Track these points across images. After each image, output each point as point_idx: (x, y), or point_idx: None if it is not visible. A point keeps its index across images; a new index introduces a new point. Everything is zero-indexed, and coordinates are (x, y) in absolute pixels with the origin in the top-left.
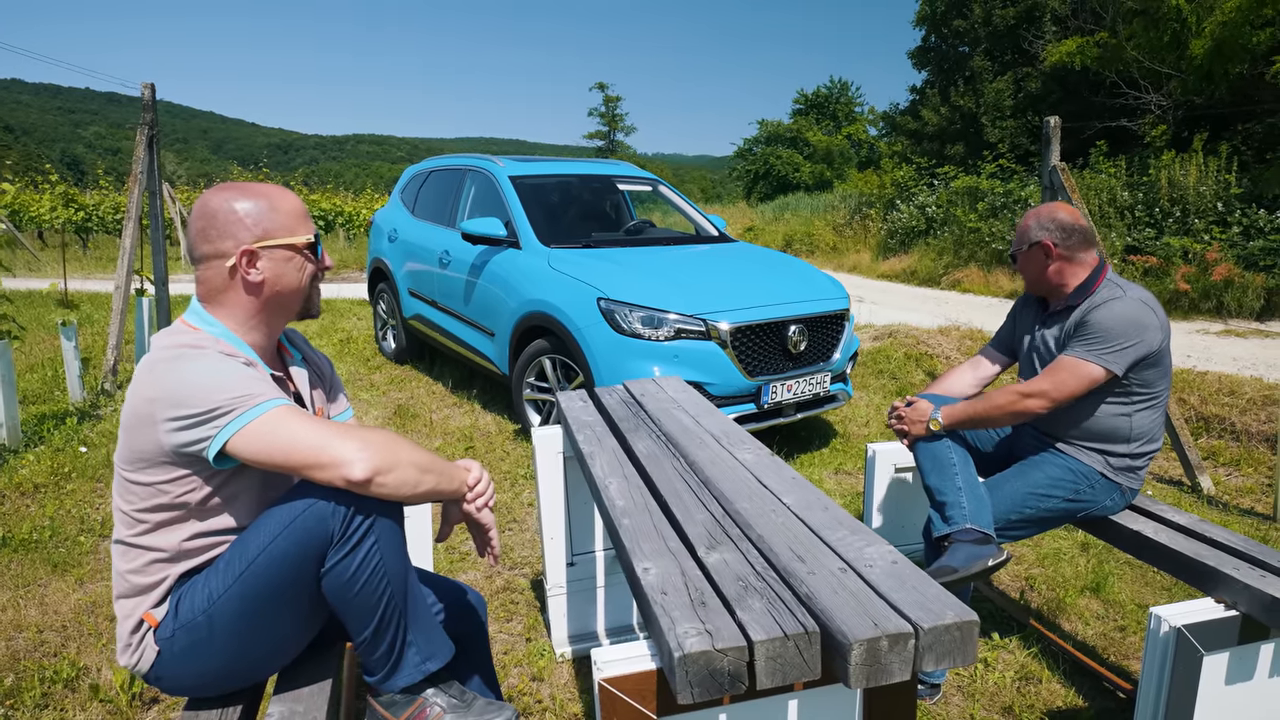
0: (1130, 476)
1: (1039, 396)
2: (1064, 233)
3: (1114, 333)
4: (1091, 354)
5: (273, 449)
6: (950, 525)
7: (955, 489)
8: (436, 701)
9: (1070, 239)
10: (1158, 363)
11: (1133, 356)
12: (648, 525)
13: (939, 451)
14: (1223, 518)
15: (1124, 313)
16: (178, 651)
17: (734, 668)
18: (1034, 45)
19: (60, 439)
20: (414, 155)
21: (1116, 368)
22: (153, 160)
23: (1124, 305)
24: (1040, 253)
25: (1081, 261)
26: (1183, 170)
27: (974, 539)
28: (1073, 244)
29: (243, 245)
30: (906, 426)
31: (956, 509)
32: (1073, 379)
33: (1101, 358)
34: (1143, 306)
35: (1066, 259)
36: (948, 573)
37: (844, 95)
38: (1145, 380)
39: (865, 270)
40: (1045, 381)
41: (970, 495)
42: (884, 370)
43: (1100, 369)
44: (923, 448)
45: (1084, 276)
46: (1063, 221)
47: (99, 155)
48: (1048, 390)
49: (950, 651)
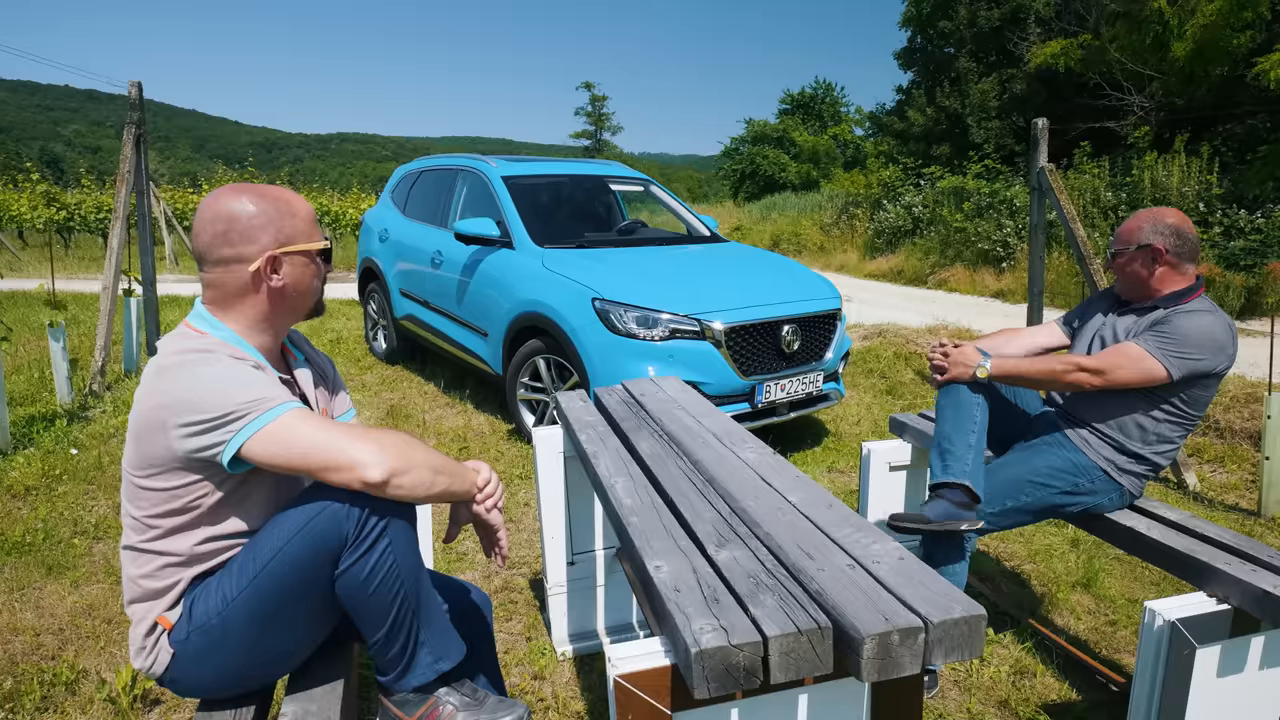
0: (1134, 480)
1: (1094, 373)
2: (1178, 240)
3: (1191, 340)
4: (1161, 351)
5: (289, 452)
6: (947, 474)
7: (967, 445)
8: (449, 700)
9: (1183, 247)
10: (1210, 386)
11: (1196, 369)
12: (656, 524)
13: (965, 404)
14: (1208, 514)
15: (1210, 327)
16: (192, 654)
17: (749, 662)
18: (1019, 47)
19: (50, 441)
20: (399, 154)
21: (1176, 373)
22: (140, 160)
23: (1210, 320)
24: (1149, 255)
25: (1185, 272)
26: (1165, 171)
27: (958, 500)
28: (1184, 253)
29: (268, 250)
30: (949, 365)
31: (959, 462)
32: (1133, 368)
33: (1168, 358)
34: (1226, 329)
35: (1173, 266)
36: (919, 520)
37: (830, 96)
38: (1191, 396)
39: (853, 270)
40: (1104, 361)
41: (976, 455)
42: (874, 369)
43: (1162, 368)
44: (949, 395)
45: (1182, 286)
46: (1178, 228)
47: (79, 153)
48: (1104, 370)
49: (959, 645)
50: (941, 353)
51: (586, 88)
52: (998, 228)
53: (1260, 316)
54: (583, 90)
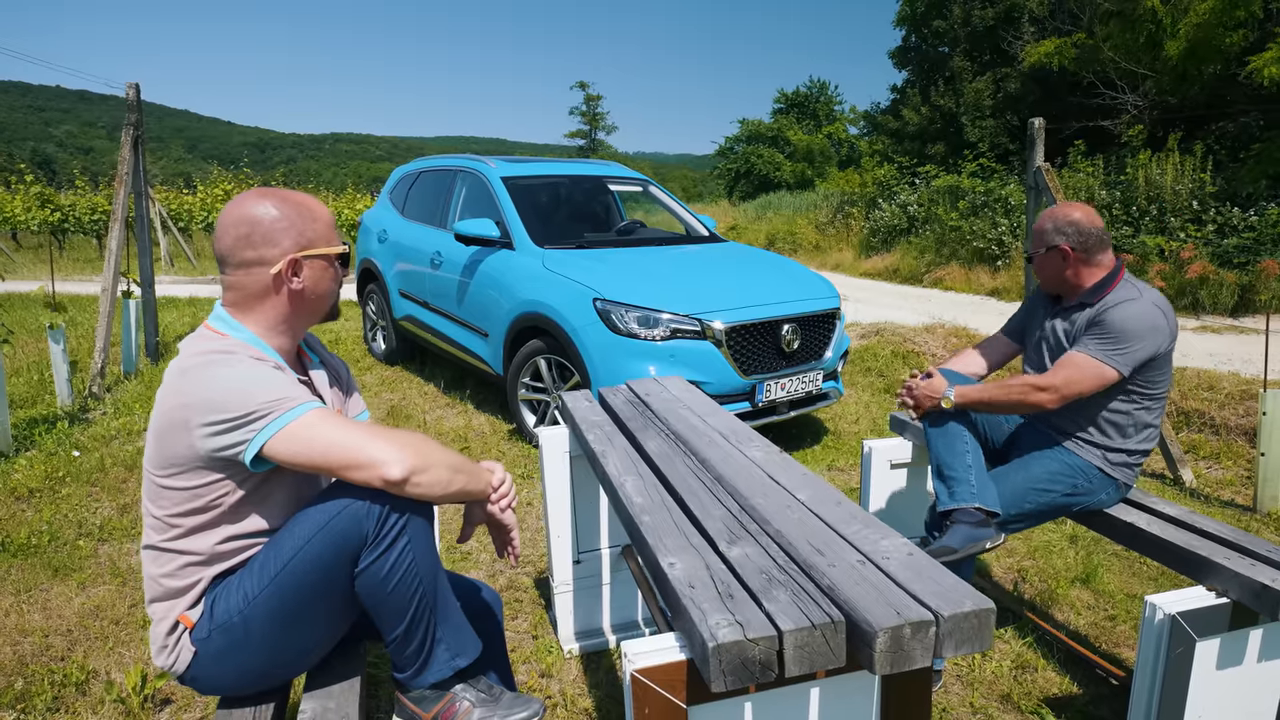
0: (1126, 472)
1: (1050, 391)
2: (1081, 236)
3: (1127, 334)
4: (1103, 353)
5: (311, 451)
6: (955, 500)
7: (965, 465)
8: (466, 697)
9: (1087, 242)
10: (1162, 364)
11: (1141, 357)
12: (667, 522)
13: (951, 428)
14: (1205, 509)
15: (1138, 314)
16: (214, 652)
17: (764, 656)
18: (1013, 46)
19: (52, 443)
20: (393, 154)
21: (1125, 369)
22: (138, 161)
23: (1139, 307)
24: (1057, 256)
25: (1098, 263)
26: (1159, 169)
27: (975, 520)
28: (1090, 246)
29: (289, 253)
30: (918, 399)
31: (964, 485)
32: (1084, 377)
33: (1112, 358)
34: (1155, 309)
35: (1084, 262)
36: (946, 552)
37: (824, 95)
38: (1148, 379)
39: (848, 269)
40: (1056, 377)
41: (978, 472)
42: (872, 368)
43: (1111, 370)
44: (934, 422)
45: (1100, 277)
46: (1079, 224)
47: (71, 154)
48: (1059, 386)
49: (969, 638)
50: (906, 389)
51: (581, 87)
52: (993, 226)
53: (1254, 314)
54: (577, 90)
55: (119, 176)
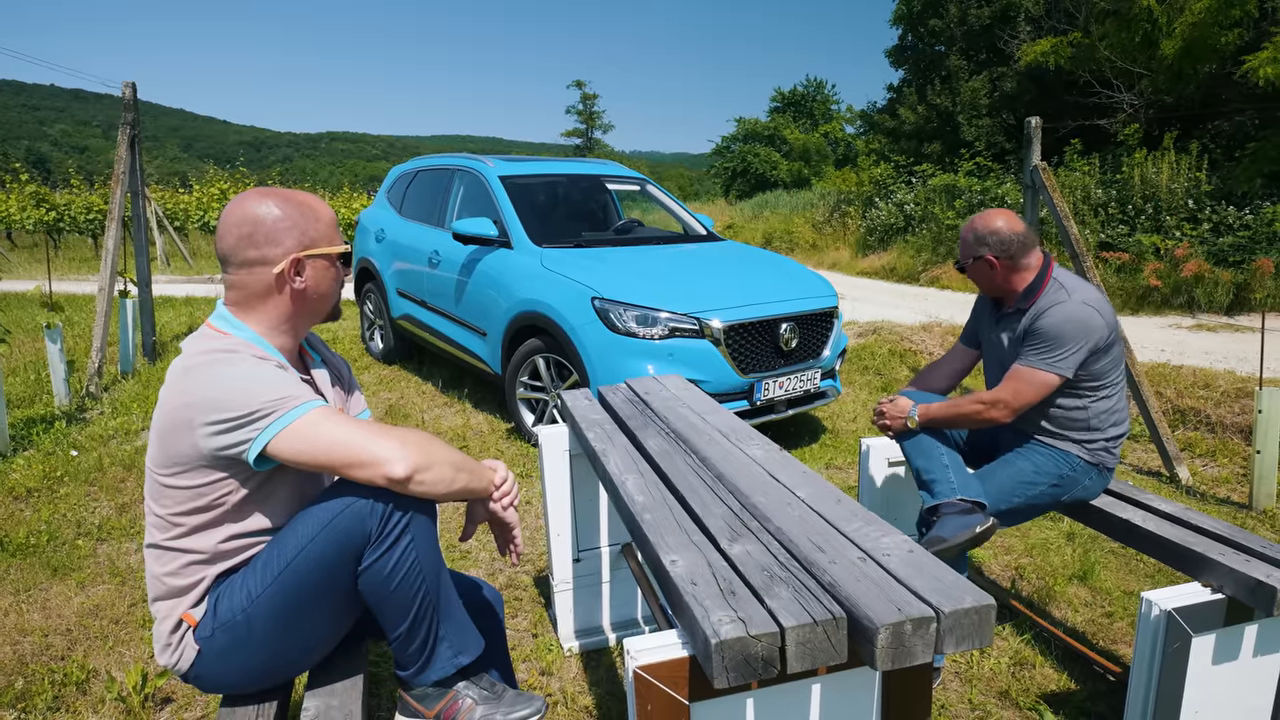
0: (1106, 456)
1: (1000, 406)
2: (1002, 245)
3: (1061, 338)
4: (1043, 362)
5: (315, 449)
6: (937, 497)
7: (941, 466)
8: (468, 694)
9: (1009, 248)
10: (1106, 353)
11: (1080, 358)
12: (669, 520)
13: (924, 439)
14: (1201, 507)
15: (1069, 316)
16: (218, 650)
17: (767, 653)
18: (1009, 45)
19: (49, 443)
20: (389, 153)
21: (1067, 371)
22: (135, 160)
23: (1068, 309)
24: (985, 266)
25: (1025, 266)
26: (1154, 168)
27: (961, 510)
28: (1013, 252)
29: (291, 253)
30: (889, 420)
31: (944, 483)
32: (1029, 388)
33: (1052, 365)
34: (1085, 308)
35: (1011, 268)
36: (937, 543)
37: (820, 94)
38: (1094, 373)
39: (845, 267)
40: (1004, 391)
41: (956, 471)
42: (869, 367)
43: (1053, 375)
44: (907, 438)
45: (1030, 279)
46: (1000, 232)
47: (65, 153)
48: (1008, 400)
49: (969, 634)
50: (879, 412)
51: (577, 86)
52: None
53: (1249, 312)
54: (574, 88)
55: (115, 176)
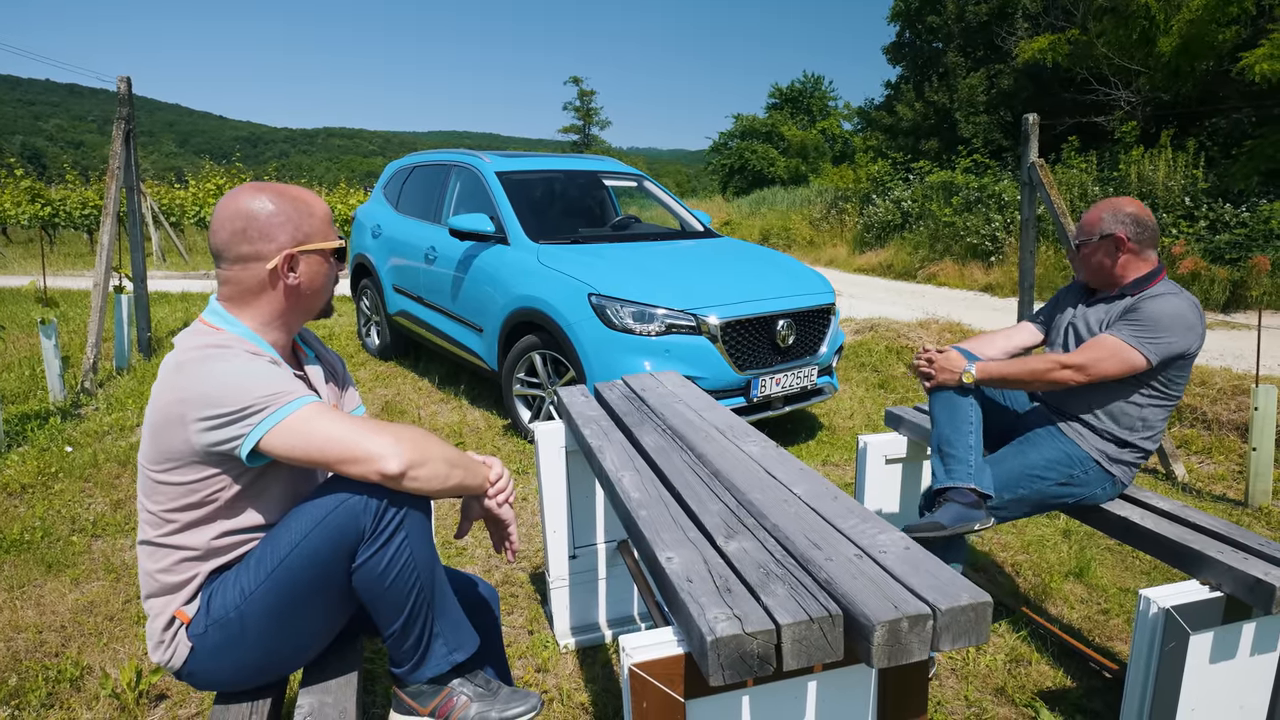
0: (1125, 469)
1: (1076, 369)
2: (1138, 227)
3: (1163, 325)
4: (1135, 339)
5: (308, 445)
6: (952, 479)
7: (967, 446)
8: (463, 691)
9: (1143, 234)
10: (1185, 366)
11: (1171, 351)
12: (665, 516)
13: (959, 406)
14: (1197, 504)
15: (1178, 309)
16: (211, 647)
17: (763, 650)
18: (1006, 42)
19: (44, 439)
20: (386, 149)
21: (1154, 358)
22: (130, 156)
23: (1179, 302)
24: (1112, 245)
25: (1147, 258)
26: (1152, 165)
27: (968, 501)
28: (1144, 239)
29: (285, 249)
30: (935, 372)
31: (963, 465)
32: (1113, 360)
33: (1145, 345)
34: (1193, 308)
35: (1135, 253)
36: (934, 528)
37: (818, 90)
38: (1169, 377)
39: (842, 264)
40: (1084, 356)
41: (977, 456)
42: (866, 363)
43: (1140, 356)
44: (941, 398)
45: (1145, 271)
46: (1137, 216)
47: (61, 148)
48: (1086, 365)
49: (965, 631)
50: (926, 359)
51: (575, 82)
52: (986, 222)
53: (1245, 309)
54: (571, 85)
55: (110, 171)
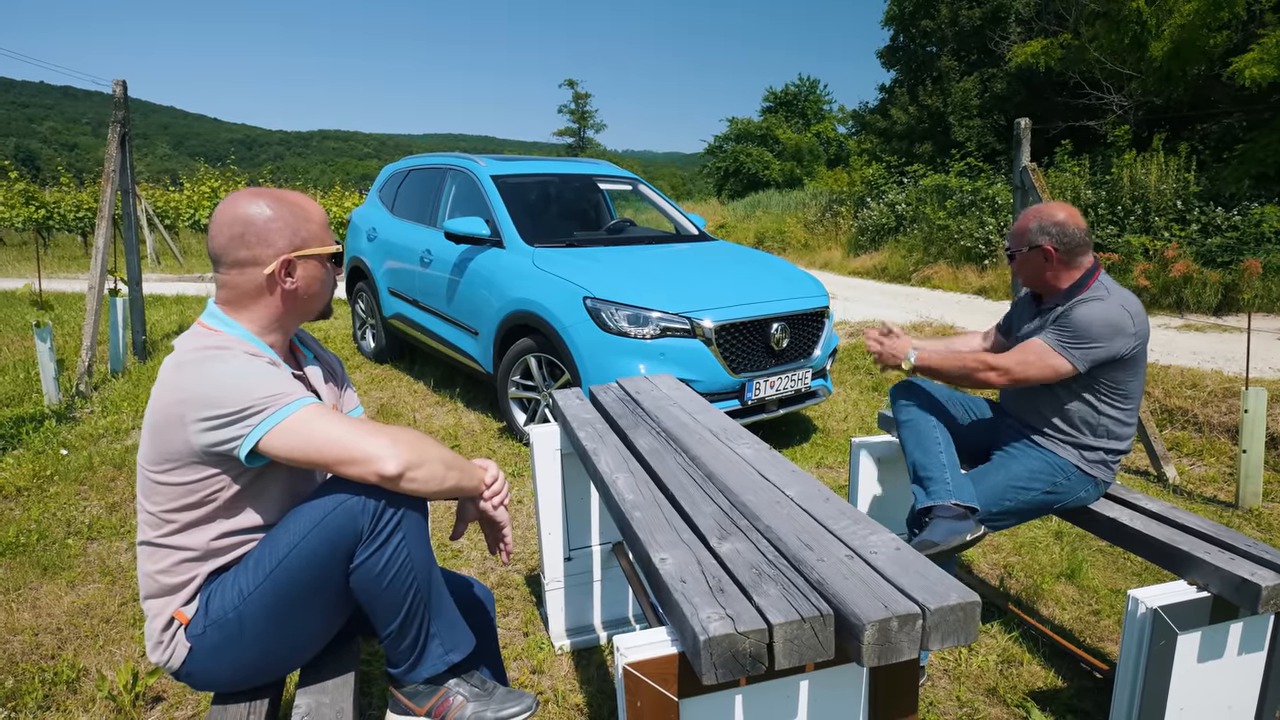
0: (1104, 470)
1: (1001, 371)
2: (1064, 237)
3: (1087, 331)
4: (1060, 345)
5: (306, 446)
6: (933, 498)
7: (940, 464)
8: (459, 691)
9: (1070, 243)
10: (1129, 366)
11: (1098, 356)
12: (659, 518)
13: (923, 428)
14: (1187, 505)
15: (1101, 313)
16: (209, 648)
17: (755, 649)
18: (999, 46)
19: (39, 442)
20: (381, 152)
21: (1080, 364)
22: (125, 158)
23: (1103, 307)
24: (1040, 256)
25: (1078, 265)
26: (1144, 169)
27: (954, 515)
28: (1072, 248)
29: (283, 254)
30: (882, 351)
31: (940, 484)
32: (1036, 363)
33: (1068, 351)
34: (1121, 311)
35: (1064, 264)
36: (928, 547)
37: (813, 93)
38: (1114, 380)
39: (837, 267)
40: (1010, 359)
41: (953, 471)
42: (860, 366)
43: (1065, 362)
44: (907, 424)
45: (1077, 278)
46: (1064, 225)
47: (55, 150)
48: (1010, 368)
49: (954, 631)
50: (876, 337)
51: (570, 85)
52: (980, 225)
53: (1237, 313)
54: (566, 88)
55: (105, 174)
